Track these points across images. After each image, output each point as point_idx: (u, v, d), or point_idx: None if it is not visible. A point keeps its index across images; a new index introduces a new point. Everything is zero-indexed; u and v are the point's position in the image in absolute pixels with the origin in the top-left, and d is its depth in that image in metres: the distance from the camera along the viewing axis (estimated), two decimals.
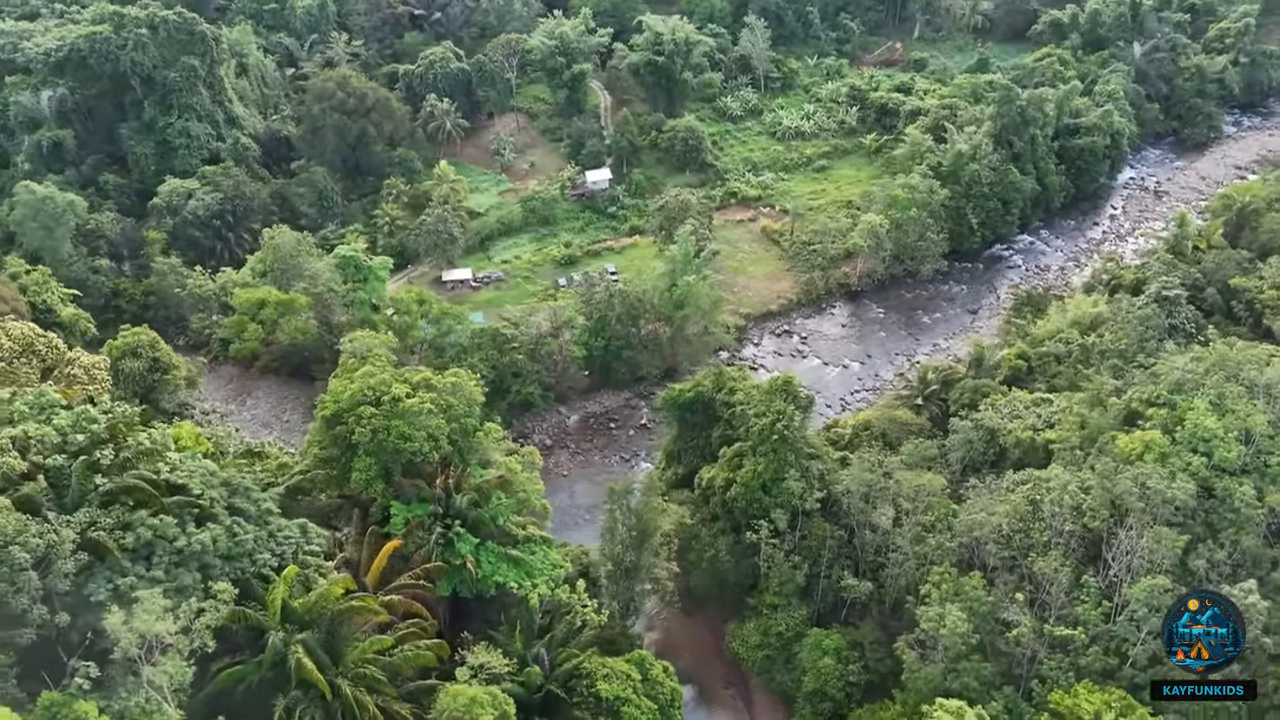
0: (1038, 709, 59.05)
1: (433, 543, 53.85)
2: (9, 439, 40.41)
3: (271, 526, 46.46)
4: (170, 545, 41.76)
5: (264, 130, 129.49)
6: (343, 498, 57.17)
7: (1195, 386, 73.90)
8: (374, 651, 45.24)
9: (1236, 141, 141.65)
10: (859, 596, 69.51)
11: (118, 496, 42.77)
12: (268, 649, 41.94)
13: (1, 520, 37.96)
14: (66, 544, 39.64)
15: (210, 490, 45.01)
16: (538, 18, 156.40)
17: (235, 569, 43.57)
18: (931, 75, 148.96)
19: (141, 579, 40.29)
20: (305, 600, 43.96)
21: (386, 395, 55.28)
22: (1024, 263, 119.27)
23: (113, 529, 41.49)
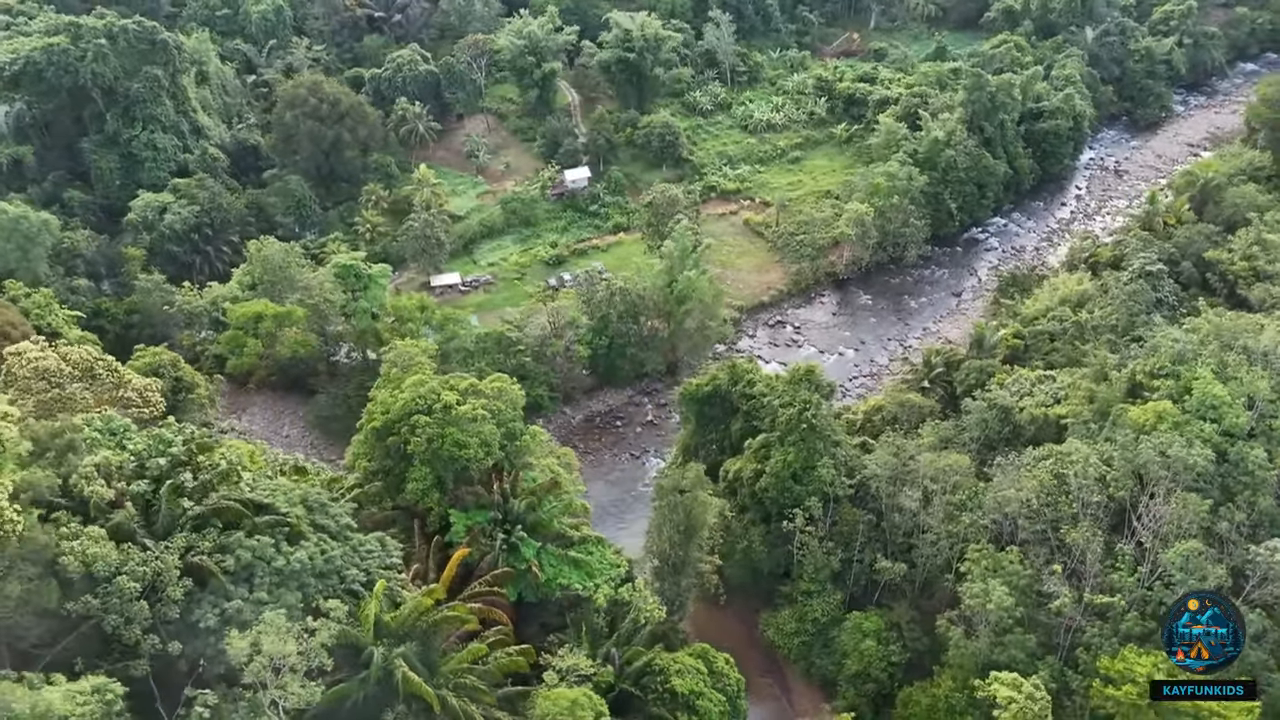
0: (1084, 675, 61.04)
1: (497, 549, 53.48)
2: (93, 466, 39.07)
3: (353, 541, 45.64)
4: (269, 566, 40.78)
5: (230, 140, 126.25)
6: (397, 509, 56.35)
7: (1194, 357, 77.05)
8: (469, 660, 44.78)
9: (1186, 120, 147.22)
10: (893, 578, 70.83)
11: (209, 519, 41.59)
12: (372, 665, 41.23)
13: (99, 550, 36.65)
14: (172, 570, 38.45)
15: (293, 508, 44.03)
16: (498, 18, 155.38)
17: (327, 586, 42.74)
18: (893, 64, 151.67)
19: (246, 601, 39.30)
20: (398, 614, 43.34)
21: (438, 403, 54.65)
22: (1000, 244, 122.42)
23: (211, 552, 40.36)
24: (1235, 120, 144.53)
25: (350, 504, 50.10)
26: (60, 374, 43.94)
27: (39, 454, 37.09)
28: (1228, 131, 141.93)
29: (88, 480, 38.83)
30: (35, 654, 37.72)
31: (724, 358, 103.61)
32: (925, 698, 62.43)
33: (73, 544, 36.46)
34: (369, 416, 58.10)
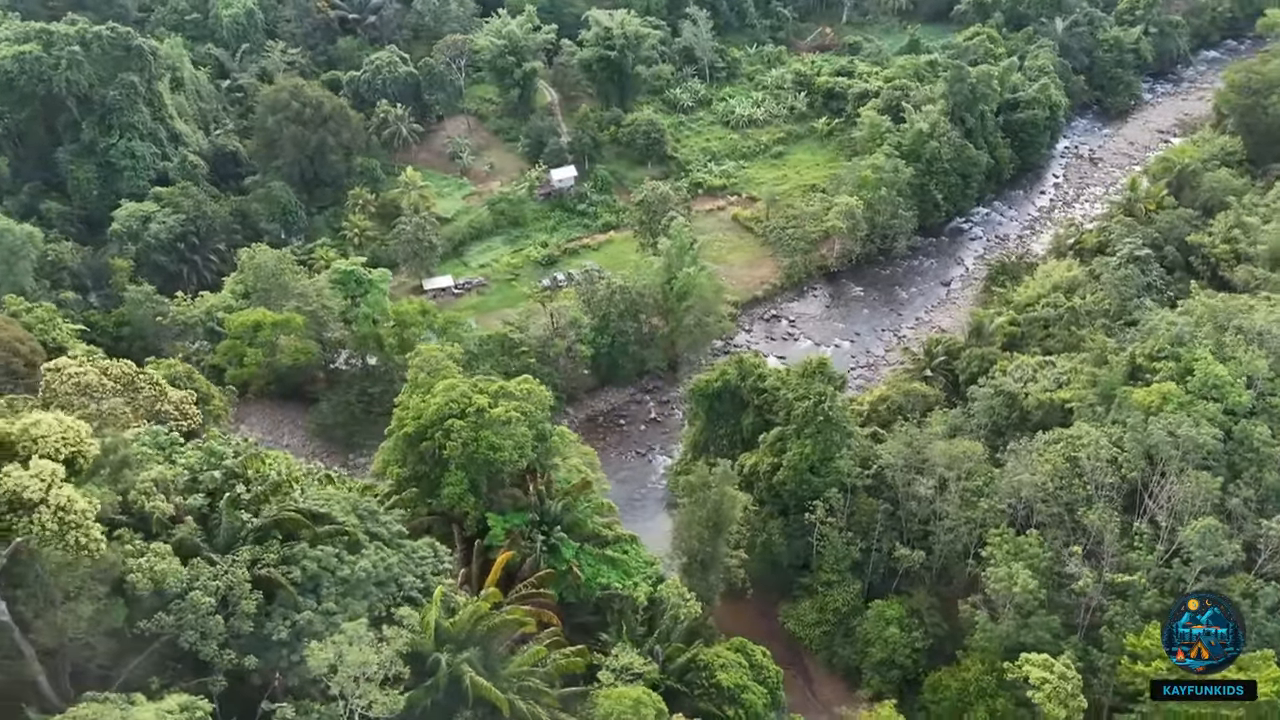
0: (1108, 653, 62.39)
1: (537, 550, 53.34)
2: (151, 482, 38.22)
3: (406, 548, 45.26)
4: (334, 576, 40.27)
5: (209, 147, 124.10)
6: (433, 515, 55.89)
7: (1191, 338, 78.99)
8: (531, 663, 44.63)
9: (1154, 107, 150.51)
10: (912, 565, 71.76)
11: (269, 531, 40.96)
12: (439, 671, 40.91)
13: (167, 566, 35.93)
14: (244, 584, 37.81)
15: (348, 517, 43.52)
16: (473, 18, 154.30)
17: (387, 595, 42.32)
18: (868, 58, 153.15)
19: (316, 613, 38.77)
20: (457, 619, 43.05)
21: (471, 407, 54.34)
22: (984, 234, 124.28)
23: (276, 564, 39.75)
24: (1202, 107, 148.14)
25: (398, 511, 49.61)
26: (102, 389, 43.04)
27: (94, 470, 36.31)
28: (1196, 118, 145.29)
29: (147, 496, 38.08)
30: (103, 675, 36.95)
31: (721, 353, 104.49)
32: (955, 682, 63.35)
33: (139, 561, 35.74)
34: (399, 423, 57.60)
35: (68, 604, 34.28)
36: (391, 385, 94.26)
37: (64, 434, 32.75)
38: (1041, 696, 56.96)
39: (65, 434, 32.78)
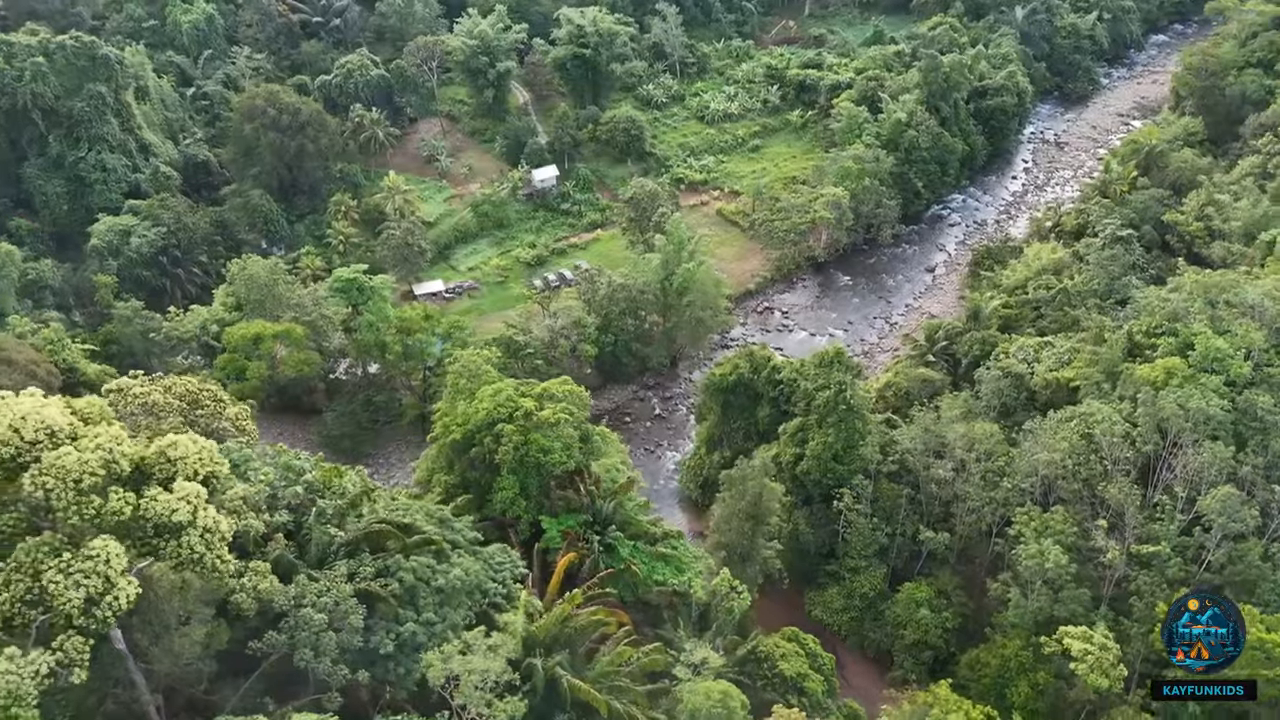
0: (1138, 622, 64.24)
1: (595, 551, 53.21)
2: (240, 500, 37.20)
3: (483, 555, 44.81)
4: (429, 586, 39.70)
5: (179, 157, 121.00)
6: (485, 521, 55.29)
7: (1187, 314, 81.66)
8: (618, 663, 44.54)
9: (1112, 91, 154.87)
10: (936, 548, 73.13)
11: (359, 544, 40.20)
12: (535, 676, 40.57)
13: (269, 585, 35.08)
14: (350, 599, 37.05)
15: (429, 526, 42.92)
16: (438, 19, 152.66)
17: (475, 602, 41.86)
18: (834, 50, 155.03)
19: (418, 624, 38.18)
20: (543, 623, 42.76)
21: (518, 411, 53.98)
22: (962, 219, 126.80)
23: (374, 577, 39.03)
24: (1157, 90, 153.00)
25: (467, 518, 49.07)
26: (168, 407, 41.85)
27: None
28: (1152, 100, 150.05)
29: (238, 515, 37.14)
30: (207, 700, 36.01)
31: (719, 347, 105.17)
32: (994, 659, 64.65)
33: (242, 581, 34.85)
34: (444, 430, 56.93)
35: (182, 628, 33.36)
36: (395, 393, 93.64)
37: (199, 454, 31.84)
38: (1084, 668, 58.52)
39: (201, 454, 31.88)
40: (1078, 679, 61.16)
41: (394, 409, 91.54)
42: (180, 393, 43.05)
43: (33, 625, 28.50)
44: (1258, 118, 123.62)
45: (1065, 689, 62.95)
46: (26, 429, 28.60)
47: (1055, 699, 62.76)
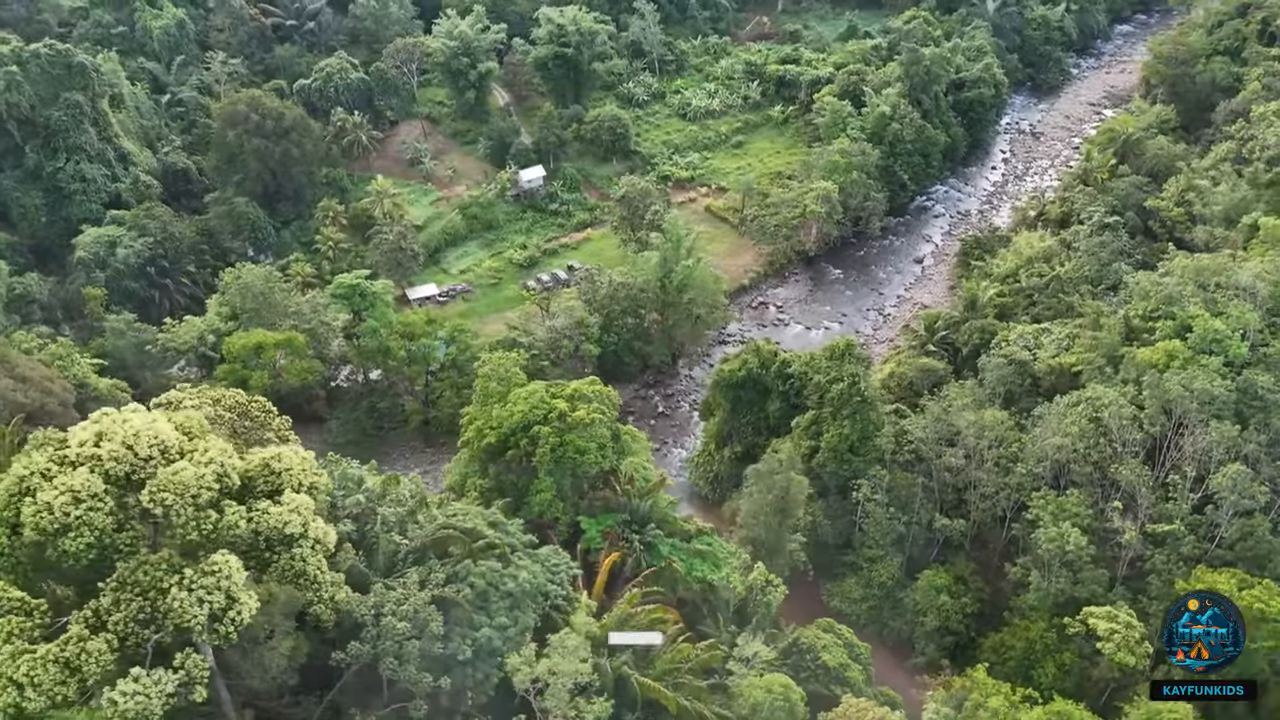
0: (1156, 599, 65.70)
1: (636, 549, 53.25)
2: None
3: (540, 557, 44.61)
4: (498, 590, 39.40)
5: (158, 165, 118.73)
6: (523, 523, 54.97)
7: (1180, 297, 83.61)
8: (679, 660, 44.60)
9: (1082, 81, 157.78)
10: (952, 535, 74.19)
11: (425, 551, 39.79)
12: (605, 676, 40.37)
13: (345, 595, 34.58)
14: (428, 606, 36.64)
15: (490, 531, 42.60)
16: (413, 20, 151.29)
17: (539, 605, 41.63)
18: (810, 45, 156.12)
19: (492, 628, 37.85)
20: (608, 623, 42.68)
21: (553, 413, 53.83)
22: (946, 210, 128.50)
23: (445, 583, 38.65)
24: (1125, 79, 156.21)
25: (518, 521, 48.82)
26: (219, 419, 41.06)
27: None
28: (1121, 89, 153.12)
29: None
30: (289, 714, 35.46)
31: (717, 343, 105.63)
32: (1019, 641, 65.71)
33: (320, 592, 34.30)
34: (477, 434, 56.57)
35: (268, 642, 32.83)
36: (398, 399, 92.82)
37: (303, 466, 31.30)
38: (1111, 647, 59.82)
39: (304, 465, 31.35)
40: (1101, 657, 62.58)
41: (398, 415, 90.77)
42: (229, 405, 42.35)
43: (148, 644, 27.87)
44: (1229, 104, 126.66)
45: (1089, 668, 64.19)
46: (140, 445, 27.99)
47: (1080, 678, 63.92)
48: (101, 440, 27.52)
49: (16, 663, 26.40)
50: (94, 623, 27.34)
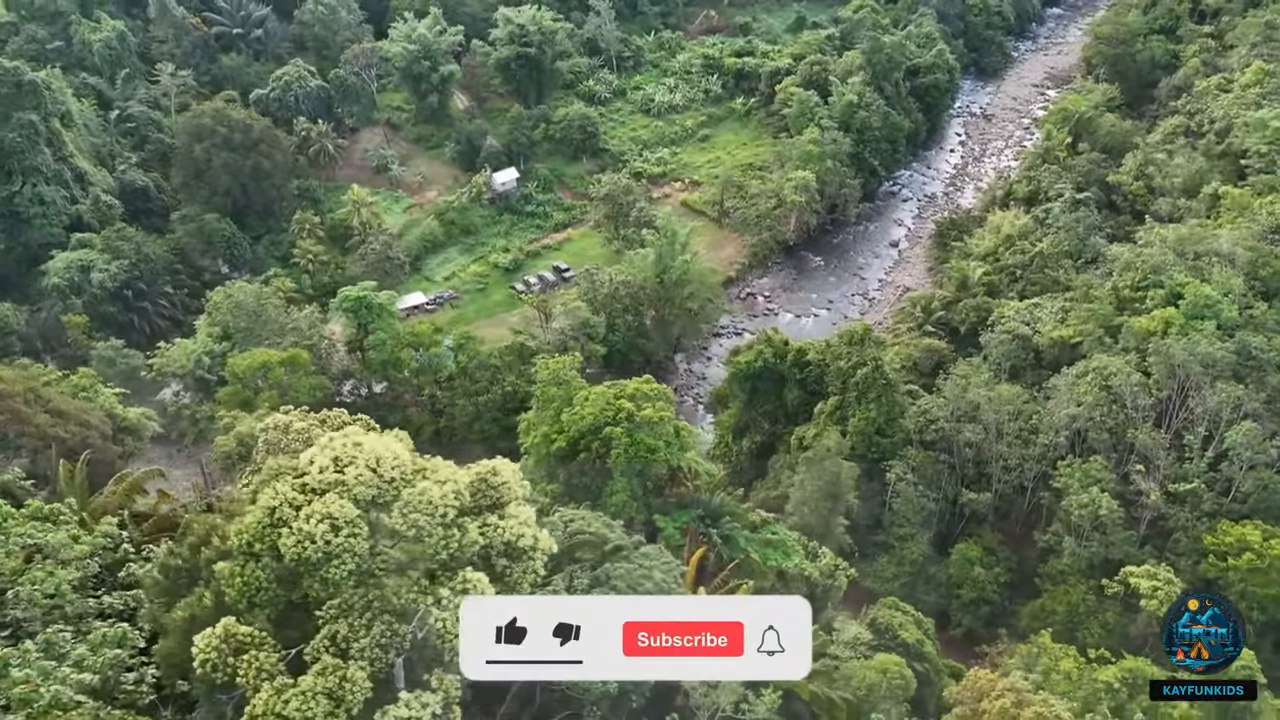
0: (1183, 555, 68.92)
1: (715, 543, 53.64)
2: None
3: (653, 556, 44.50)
4: (639, 590, 39.22)
5: (115, 184, 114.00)
6: None
7: (1165, 266, 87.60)
8: None
9: (1023, 64, 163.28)
10: (979, 508, 76.46)
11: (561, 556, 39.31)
12: None
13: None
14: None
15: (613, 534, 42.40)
16: (362, 25, 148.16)
17: None
18: (763, 37, 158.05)
19: None
20: None
21: (621, 413, 53.82)
22: (912, 194, 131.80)
23: (589, 587, 38.28)
24: (1063, 60, 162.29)
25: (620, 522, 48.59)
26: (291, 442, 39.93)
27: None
28: (1061, 70, 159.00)
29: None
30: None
31: (710, 336, 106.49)
32: (1060, 605, 68.09)
33: None
34: (545, 440, 56.17)
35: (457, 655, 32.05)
36: (405, 411, 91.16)
37: (515, 477, 30.64)
38: (1155, 603, 62.40)
39: (515, 477, 30.68)
40: (1139, 614, 65.49)
41: (407, 428, 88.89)
42: (336, 425, 41.25)
43: (394, 668, 27.09)
44: (1170, 80, 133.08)
45: (1127, 625, 66.98)
46: (384, 468, 27.19)
47: (1120, 637, 66.60)
48: (345, 466, 26.68)
49: (283, 698, 25.50)
50: (336, 650, 26.51)
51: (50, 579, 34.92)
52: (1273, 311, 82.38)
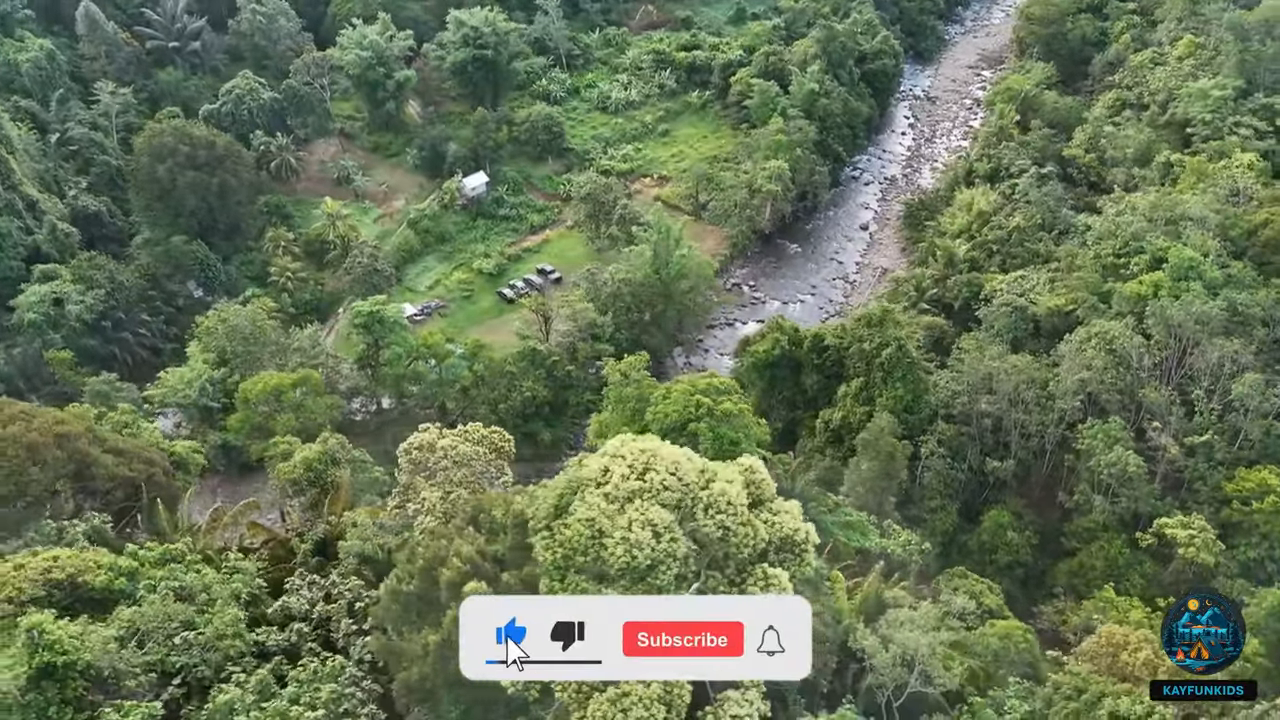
0: (1205, 503, 72.91)
1: None
2: None
3: None
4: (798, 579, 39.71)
5: (67, 210, 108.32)
6: None
7: (1144, 233, 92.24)
8: None
9: (955, 47, 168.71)
10: (1004, 475, 79.32)
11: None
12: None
13: None
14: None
15: None
16: (302, 32, 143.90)
17: None
18: (707, 30, 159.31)
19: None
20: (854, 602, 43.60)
21: (701, 408, 54.20)
22: (873, 178, 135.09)
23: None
24: (992, 41, 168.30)
25: None
26: (475, 455, 38.87)
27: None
28: (992, 51, 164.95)
29: None
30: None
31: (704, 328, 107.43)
32: (1098, 560, 71.23)
33: None
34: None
35: None
36: (415, 425, 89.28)
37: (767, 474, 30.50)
38: (1193, 551, 66.09)
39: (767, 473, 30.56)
40: (1173, 562, 69.21)
41: None
42: (477, 439, 40.43)
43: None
44: (1103, 56, 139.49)
45: (1160, 574, 70.58)
46: (684, 473, 26.87)
47: (1158, 586, 70.12)
48: (643, 473, 26.28)
49: (620, 707, 24.97)
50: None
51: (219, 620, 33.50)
52: (1247, 269, 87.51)
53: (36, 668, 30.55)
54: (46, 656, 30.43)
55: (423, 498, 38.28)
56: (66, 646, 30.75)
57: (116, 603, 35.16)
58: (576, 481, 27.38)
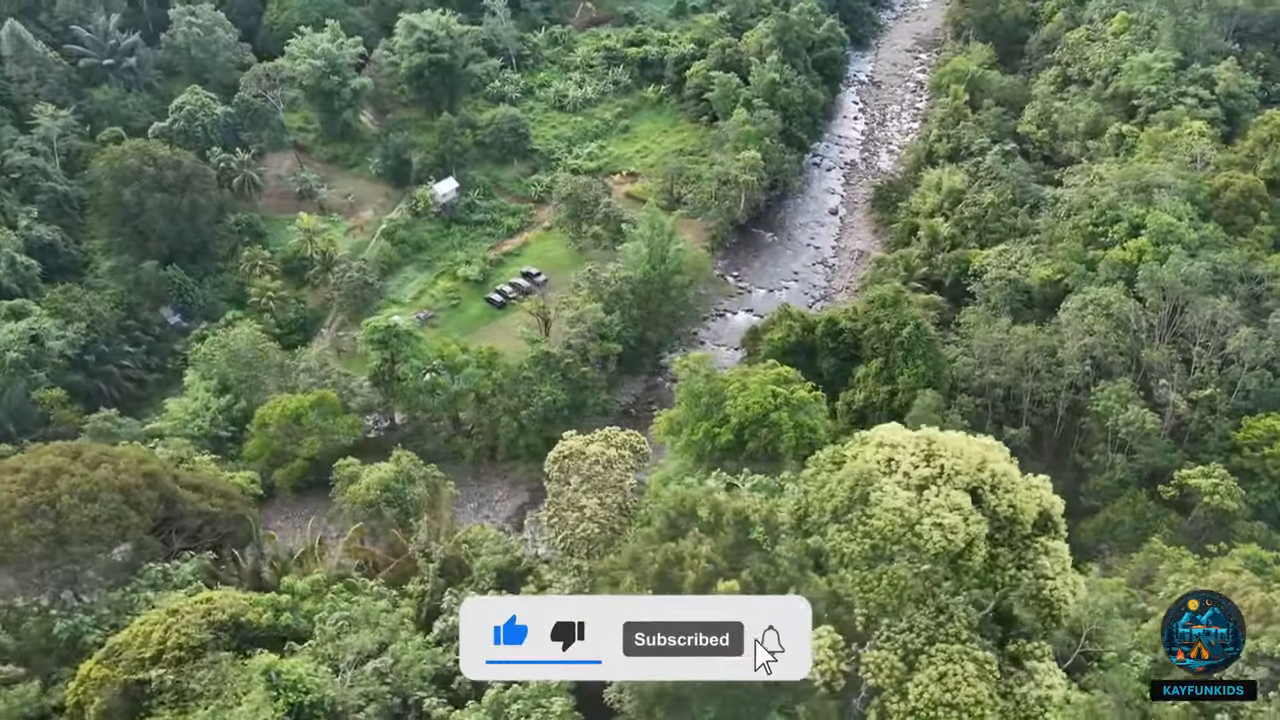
0: (1214, 453, 77.05)
1: None
2: None
3: None
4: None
5: (21, 242, 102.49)
6: None
7: (1117, 202, 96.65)
8: None
9: (891, 32, 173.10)
10: (1020, 442, 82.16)
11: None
12: None
13: None
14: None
15: None
16: (239, 44, 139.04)
17: None
18: (651, 24, 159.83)
19: None
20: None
21: (779, 397, 54.79)
22: (833, 163, 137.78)
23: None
24: (925, 25, 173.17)
25: None
26: (618, 459, 38.40)
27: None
28: (926, 35, 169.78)
29: None
30: None
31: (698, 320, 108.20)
32: (1126, 515, 74.55)
33: None
34: (706, 434, 56.12)
35: None
36: (437, 436, 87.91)
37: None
38: (1216, 499, 69.88)
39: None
40: (1193, 511, 73.03)
41: (442, 457, 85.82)
42: (618, 442, 40.15)
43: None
44: (1039, 35, 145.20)
45: (1183, 522, 74.38)
46: (970, 455, 27.15)
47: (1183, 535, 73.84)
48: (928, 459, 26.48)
49: (946, 686, 25.15)
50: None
51: (409, 648, 32.63)
52: (1217, 230, 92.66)
53: (285, 709, 29.20)
54: (292, 697, 29.10)
55: (581, 505, 37.86)
56: (308, 685, 29.46)
57: (283, 640, 33.75)
58: (861, 474, 27.55)
